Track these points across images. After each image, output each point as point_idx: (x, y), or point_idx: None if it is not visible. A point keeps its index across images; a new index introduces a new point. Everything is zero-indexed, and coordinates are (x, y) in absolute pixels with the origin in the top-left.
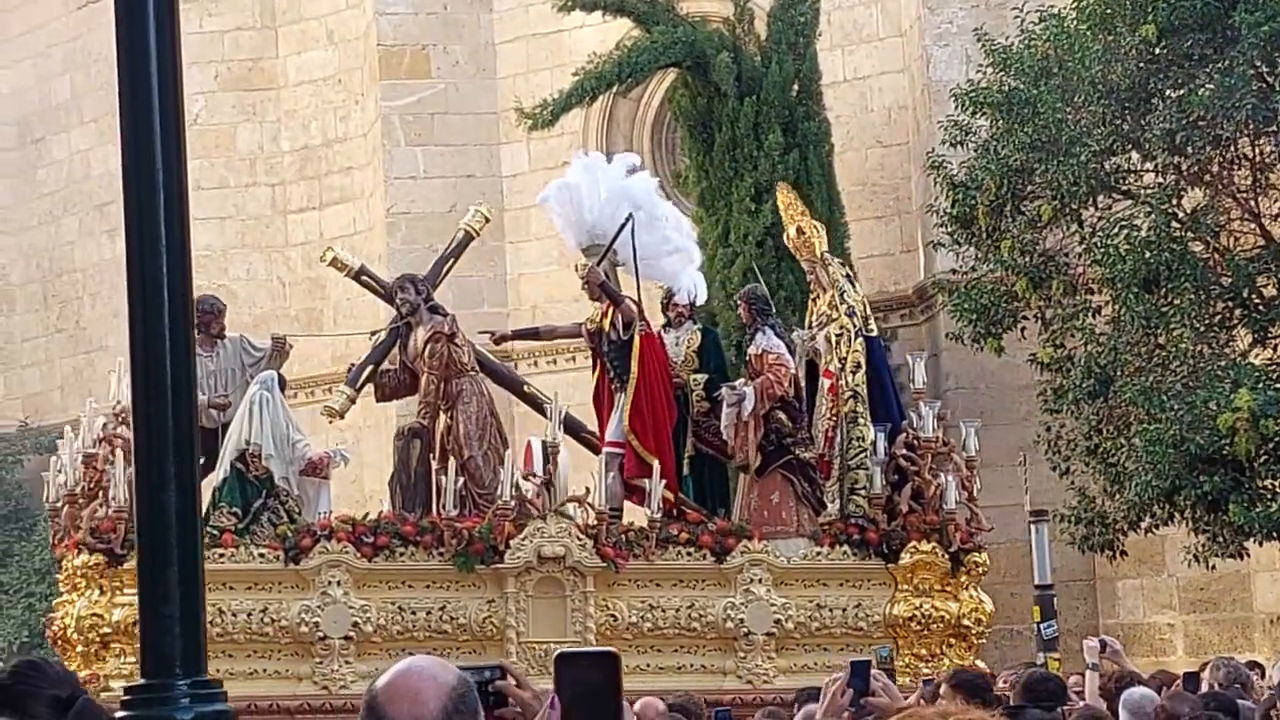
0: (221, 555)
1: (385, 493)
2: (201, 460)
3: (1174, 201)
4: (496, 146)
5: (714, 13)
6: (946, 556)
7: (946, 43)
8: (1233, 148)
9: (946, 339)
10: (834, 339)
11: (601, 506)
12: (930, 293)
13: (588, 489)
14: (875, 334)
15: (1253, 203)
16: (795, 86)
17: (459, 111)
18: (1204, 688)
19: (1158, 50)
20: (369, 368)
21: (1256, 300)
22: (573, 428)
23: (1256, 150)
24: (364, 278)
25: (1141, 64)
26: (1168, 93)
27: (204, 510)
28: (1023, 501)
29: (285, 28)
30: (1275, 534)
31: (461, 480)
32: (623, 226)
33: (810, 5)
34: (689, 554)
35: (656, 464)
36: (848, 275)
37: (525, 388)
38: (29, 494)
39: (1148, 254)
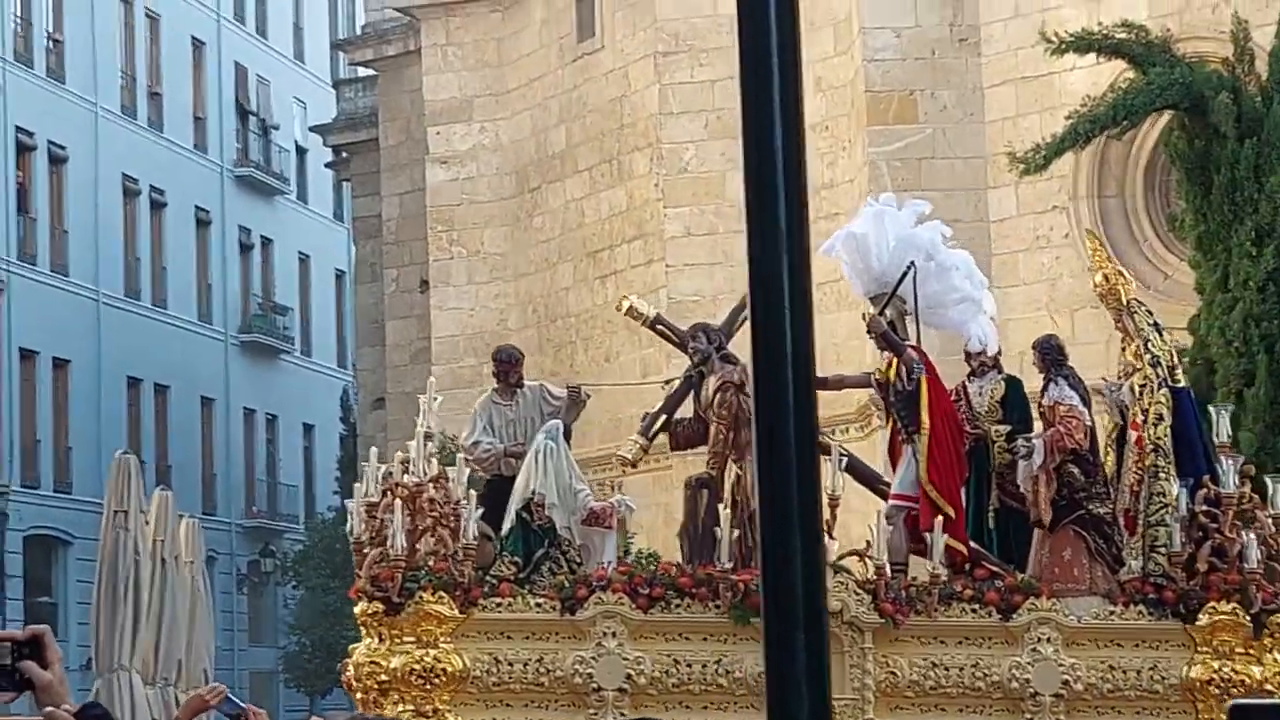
0: (499, 604)
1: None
2: (480, 511)
3: None
4: (985, 191)
5: (1212, 53)
6: (1249, 618)
7: None
8: None
9: None
10: (1137, 390)
11: (880, 560)
12: None
13: (868, 542)
14: (1183, 385)
15: None
16: None
17: (946, 156)
18: None
19: None
20: (662, 417)
21: None
22: (867, 478)
23: None
24: (659, 326)
25: None
26: None
27: (491, 558)
28: None
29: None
30: None
31: (738, 532)
32: (904, 274)
33: None
34: (974, 611)
35: (939, 518)
36: (1154, 324)
37: (820, 436)
38: None
39: None
